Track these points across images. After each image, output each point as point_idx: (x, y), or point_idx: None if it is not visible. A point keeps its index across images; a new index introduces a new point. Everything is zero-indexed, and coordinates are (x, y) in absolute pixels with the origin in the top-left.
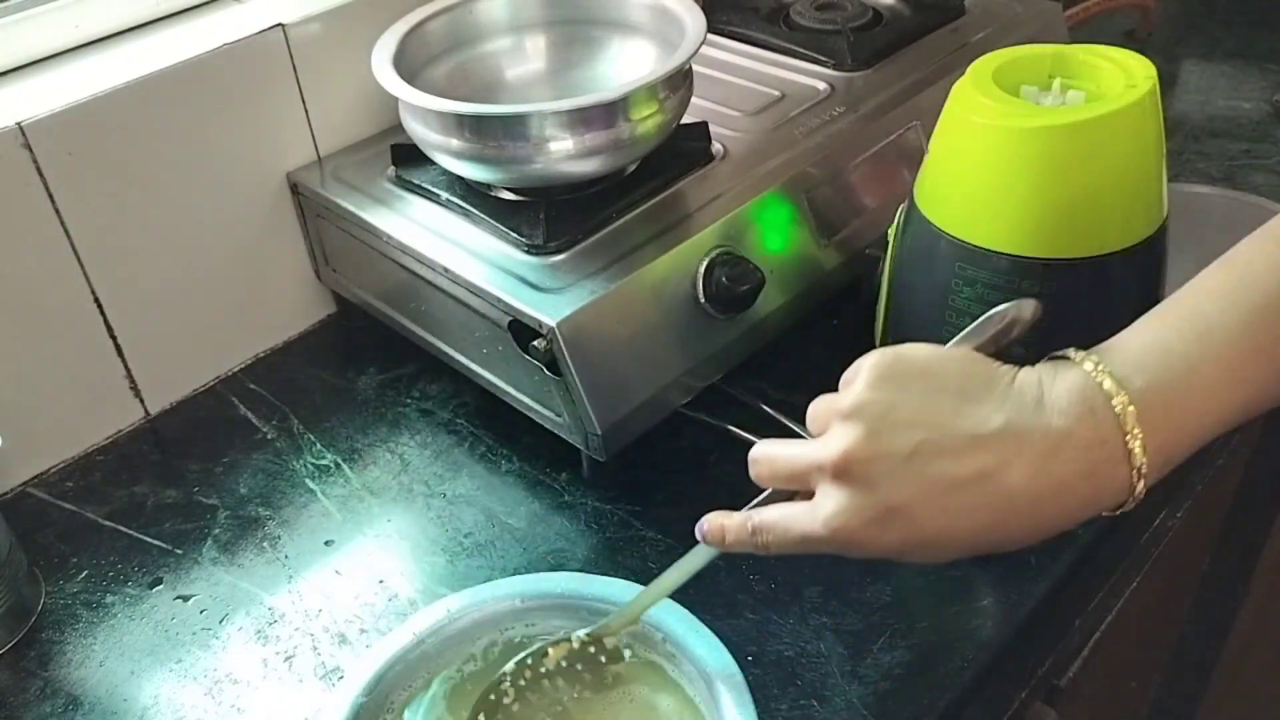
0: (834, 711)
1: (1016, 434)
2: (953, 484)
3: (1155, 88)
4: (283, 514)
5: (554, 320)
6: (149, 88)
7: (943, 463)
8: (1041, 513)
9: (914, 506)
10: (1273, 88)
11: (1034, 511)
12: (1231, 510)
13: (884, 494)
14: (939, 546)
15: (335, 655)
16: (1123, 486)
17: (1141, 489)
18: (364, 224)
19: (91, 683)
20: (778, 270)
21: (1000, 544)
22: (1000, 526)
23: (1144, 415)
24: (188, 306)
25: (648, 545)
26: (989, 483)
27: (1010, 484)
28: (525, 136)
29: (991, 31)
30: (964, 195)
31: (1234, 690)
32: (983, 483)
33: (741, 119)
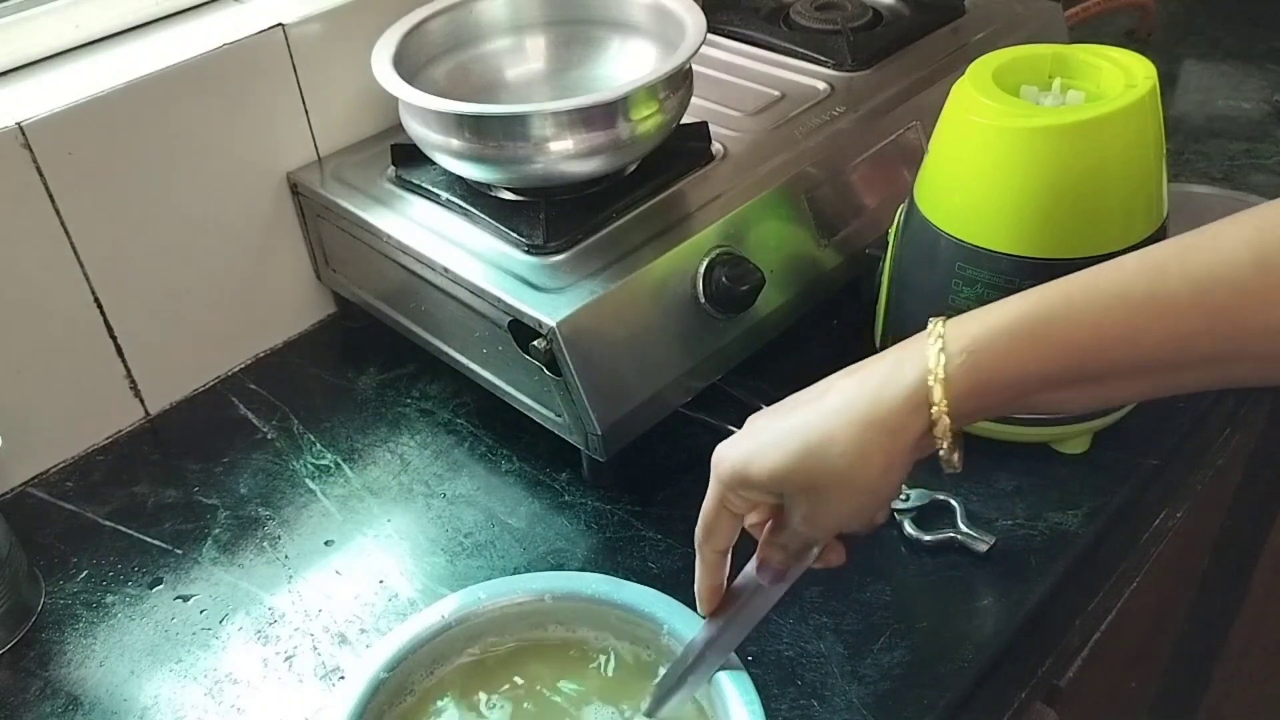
0: (834, 711)
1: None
2: (791, 408)
3: (1155, 88)
4: (283, 514)
5: (554, 320)
6: (149, 88)
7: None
8: (850, 400)
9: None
10: (1273, 88)
11: (844, 404)
12: (1231, 510)
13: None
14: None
15: (335, 655)
16: (919, 360)
17: (939, 369)
18: (364, 224)
19: (91, 683)
20: (778, 270)
21: (824, 451)
22: (818, 425)
23: (952, 323)
24: (188, 306)
25: (648, 545)
26: (822, 398)
27: (833, 388)
28: (525, 136)
29: (991, 31)
30: (964, 195)
31: (1234, 690)
32: (818, 398)
33: (741, 119)
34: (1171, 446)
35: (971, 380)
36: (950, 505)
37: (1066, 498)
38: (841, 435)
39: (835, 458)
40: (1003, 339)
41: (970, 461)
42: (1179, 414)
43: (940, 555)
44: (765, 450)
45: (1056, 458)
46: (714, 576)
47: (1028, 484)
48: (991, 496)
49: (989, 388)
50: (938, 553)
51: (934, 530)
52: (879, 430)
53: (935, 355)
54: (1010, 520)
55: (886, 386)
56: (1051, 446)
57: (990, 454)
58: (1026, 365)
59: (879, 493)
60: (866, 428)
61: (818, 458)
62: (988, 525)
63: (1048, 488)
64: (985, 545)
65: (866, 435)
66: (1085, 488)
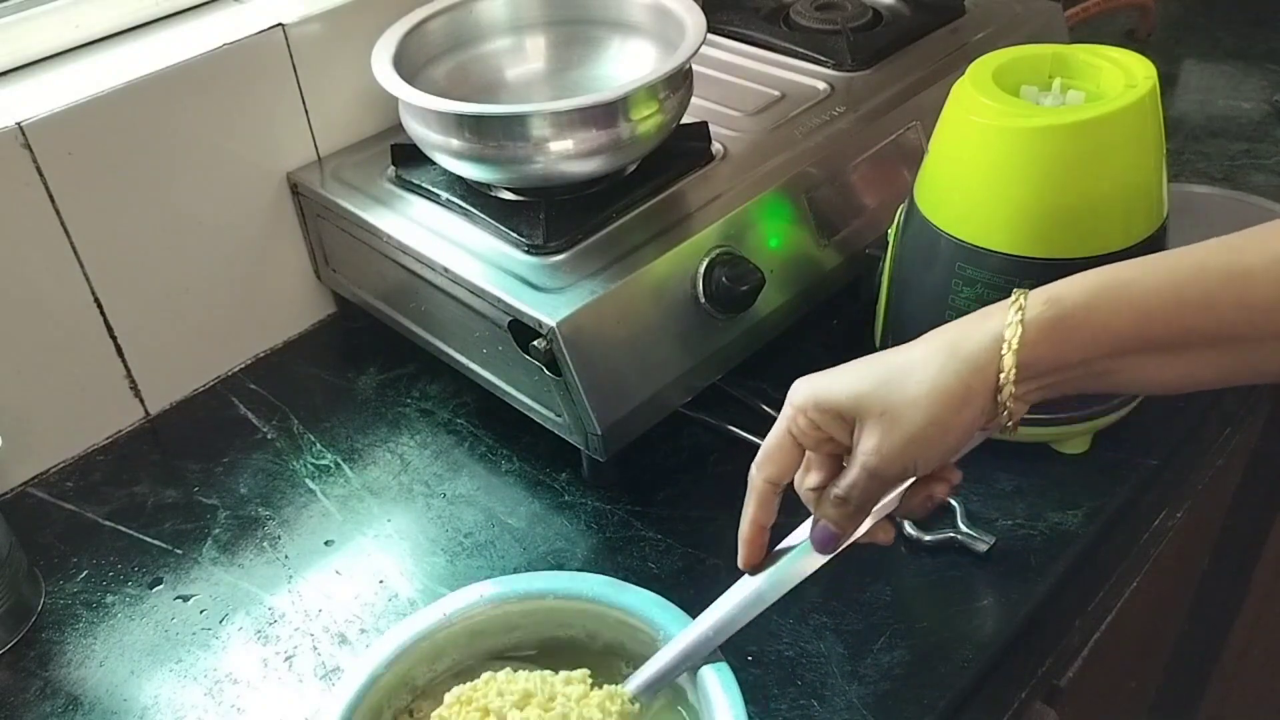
0: (834, 711)
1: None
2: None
3: (1155, 88)
4: (283, 514)
5: (554, 320)
6: (149, 88)
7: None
8: (935, 337)
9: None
10: (1273, 88)
11: (930, 340)
12: (1231, 510)
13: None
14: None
15: (335, 655)
16: (1003, 309)
17: (1021, 316)
18: (364, 224)
19: (91, 683)
20: (778, 270)
21: (905, 377)
22: (902, 355)
23: (1034, 290)
24: (188, 306)
25: (648, 545)
26: (910, 344)
27: (921, 337)
28: (525, 136)
29: (991, 31)
30: (964, 195)
31: (1234, 690)
32: (905, 345)
33: (741, 119)
34: (1171, 446)
35: (1051, 332)
36: (950, 505)
37: (1066, 498)
38: (922, 363)
39: (914, 384)
40: (1085, 295)
41: (970, 461)
42: (1179, 414)
43: (940, 555)
44: (845, 374)
45: (1056, 458)
46: (762, 512)
47: (1028, 484)
48: (991, 496)
49: (1068, 342)
50: (938, 553)
51: (934, 530)
52: (961, 362)
53: (1016, 309)
54: (1010, 520)
55: (972, 326)
56: (1051, 446)
57: (990, 454)
58: (1106, 322)
59: (950, 429)
60: (950, 358)
61: (897, 382)
62: (988, 525)
63: (1048, 488)
64: (985, 545)
65: (949, 365)
66: (1085, 488)
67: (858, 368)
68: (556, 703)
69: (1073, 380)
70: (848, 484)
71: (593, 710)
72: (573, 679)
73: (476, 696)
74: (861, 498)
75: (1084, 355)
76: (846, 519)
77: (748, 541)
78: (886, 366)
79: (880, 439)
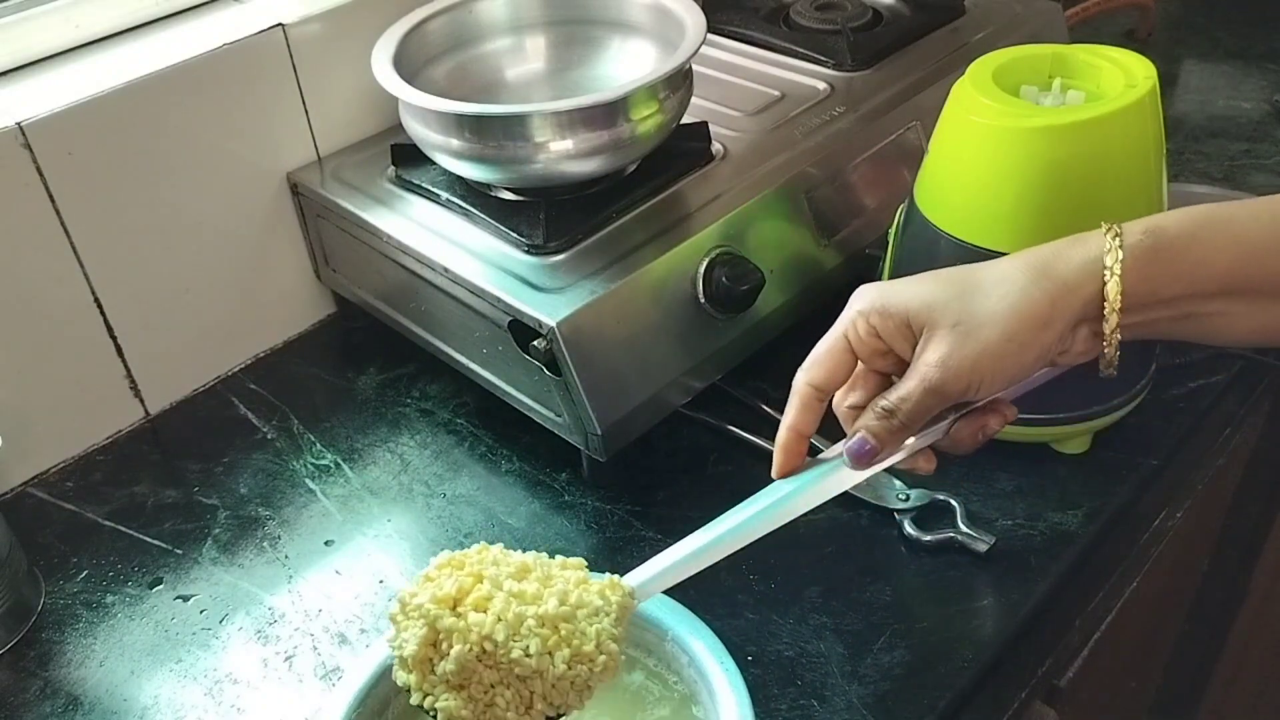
0: (834, 711)
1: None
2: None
3: (1155, 88)
4: (283, 514)
5: (554, 320)
6: (149, 88)
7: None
8: (1024, 254)
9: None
10: (1273, 88)
11: (1017, 256)
12: (1231, 510)
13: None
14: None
15: (335, 655)
16: (1099, 236)
17: (1120, 241)
18: (364, 224)
19: (91, 683)
20: (778, 270)
21: (988, 288)
22: (984, 266)
23: (1128, 224)
24: (188, 306)
25: (648, 545)
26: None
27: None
28: (525, 136)
29: (991, 31)
30: (964, 195)
31: (1234, 690)
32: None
33: (741, 119)
34: (1171, 446)
35: (1150, 261)
36: (950, 505)
37: (1066, 498)
38: (1006, 279)
39: (997, 298)
40: (1187, 226)
41: (970, 461)
42: (1179, 414)
43: (940, 555)
44: (918, 282)
45: (1056, 458)
46: (802, 417)
47: (1028, 484)
48: (991, 496)
49: (1165, 275)
50: (938, 553)
51: (934, 530)
52: (1051, 281)
53: (1112, 236)
54: (1010, 520)
55: (1064, 248)
56: (1051, 446)
57: (990, 454)
58: (1205, 257)
59: (1028, 349)
60: (1039, 276)
61: (980, 293)
62: (988, 525)
63: (1048, 488)
64: (985, 545)
65: (1038, 283)
66: (1085, 488)
67: (931, 278)
68: (555, 582)
69: (1161, 322)
70: (899, 396)
71: (593, 595)
72: (569, 564)
73: (469, 561)
74: (911, 413)
75: (1179, 290)
76: (888, 433)
77: (784, 448)
78: (964, 279)
79: (949, 351)
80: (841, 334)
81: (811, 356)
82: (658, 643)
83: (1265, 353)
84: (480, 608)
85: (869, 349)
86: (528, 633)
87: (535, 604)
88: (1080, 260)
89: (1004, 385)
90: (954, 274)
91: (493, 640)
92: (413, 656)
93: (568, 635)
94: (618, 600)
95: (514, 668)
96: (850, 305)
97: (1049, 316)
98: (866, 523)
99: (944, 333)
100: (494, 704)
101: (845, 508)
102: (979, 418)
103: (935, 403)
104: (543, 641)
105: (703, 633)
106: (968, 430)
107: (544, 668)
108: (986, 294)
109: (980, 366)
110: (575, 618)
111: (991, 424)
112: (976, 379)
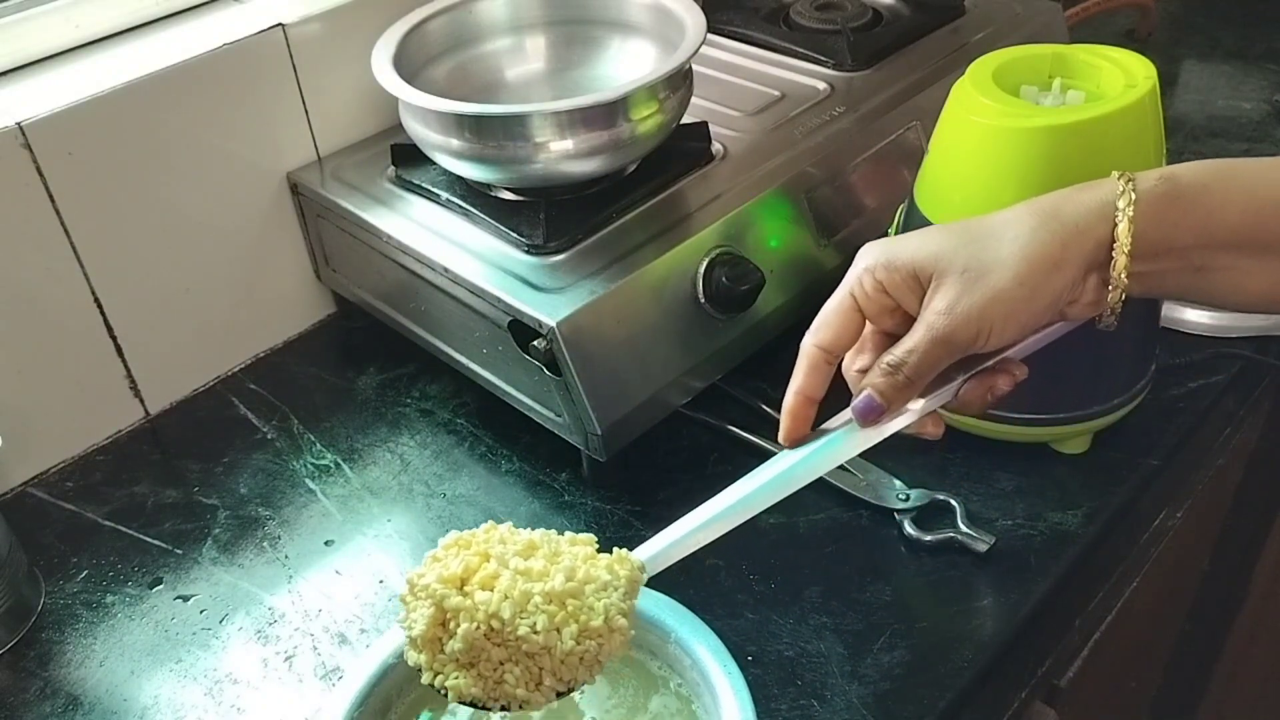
0: (834, 711)
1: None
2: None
3: (1155, 88)
4: (283, 514)
5: (554, 320)
6: (149, 88)
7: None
8: (1034, 200)
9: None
10: (1273, 88)
11: (1028, 201)
12: (1231, 510)
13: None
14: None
15: (335, 655)
16: (1112, 181)
17: (1133, 187)
18: (364, 224)
19: (91, 683)
20: (778, 270)
21: (997, 234)
22: (994, 215)
23: (1142, 172)
24: (188, 306)
25: None
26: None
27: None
28: (525, 136)
29: (991, 31)
30: (964, 195)
31: (1234, 690)
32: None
33: (741, 119)
34: (1171, 446)
35: (1163, 208)
36: (950, 505)
37: (1066, 498)
38: (1014, 223)
39: (1007, 242)
40: (1201, 176)
41: (970, 461)
42: (1179, 414)
43: (940, 555)
44: (923, 235)
45: (1056, 458)
46: (809, 381)
47: (1028, 484)
48: (991, 496)
49: (1178, 224)
50: (938, 553)
51: (934, 530)
52: (1061, 225)
53: (1125, 181)
54: (1010, 520)
55: (1074, 193)
56: (1051, 446)
57: (990, 454)
58: (1218, 207)
59: (1038, 294)
60: (1048, 219)
61: (989, 239)
62: (988, 525)
63: (1048, 488)
64: (985, 545)
65: (1047, 226)
66: (1085, 488)
67: (938, 230)
68: (563, 558)
69: (1170, 275)
70: (905, 349)
71: (600, 570)
72: (578, 540)
73: (475, 541)
74: (918, 366)
75: (1190, 240)
76: (894, 390)
77: (791, 413)
78: (971, 227)
79: (956, 297)
80: (848, 293)
81: (819, 318)
82: (661, 645)
83: (1265, 352)
84: (487, 586)
85: (876, 306)
86: (534, 609)
87: (541, 580)
88: (1092, 203)
89: (1014, 335)
90: (961, 224)
91: (499, 618)
92: (421, 636)
93: (575, 611)
94: (626, 574)
95: (522, 645)
96: (856, 263)
97: (1059, 259)
98: (866, 523)
99: (952, 279)
100: (503, 681)
101: (845, 508)
102: (988, 378)
103: (943, 354)
104: (549, 618)
105: (706, 636)
106: (976, 391)
107: (551, 644)
108: (996, 239)
109: (989, 313)
110: (582, 593)
111: (1000, 384)
112: (986, 326)
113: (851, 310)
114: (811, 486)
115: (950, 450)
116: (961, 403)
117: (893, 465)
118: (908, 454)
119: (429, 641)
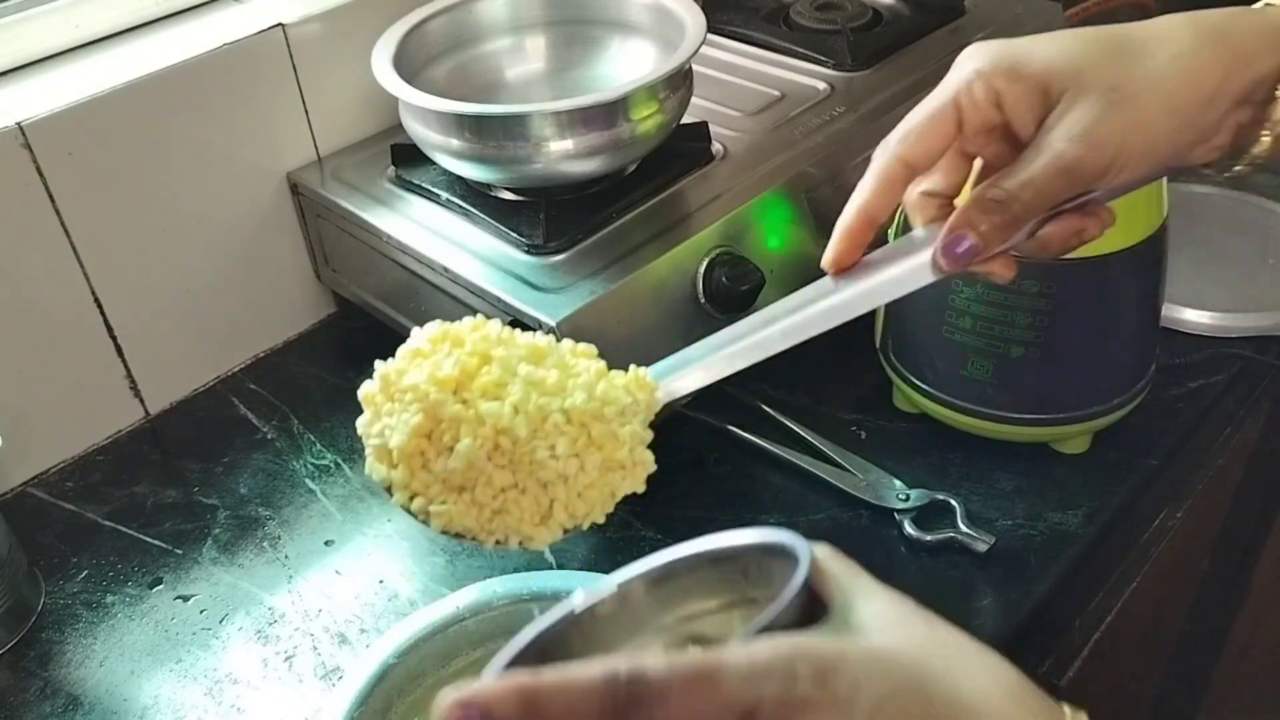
0: None
1: None
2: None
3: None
4: (283, 514)
5: (554, 320)
6: (149, 88)
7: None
8: (1196, 14)
9: None
10: None
11: (1188, 15)
12: (1231, 510)
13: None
14: None
15: (335, 655)
16: (1276, 12)
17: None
18: (364, 224)
19: (91, 683)
20: (778, 270)
21: (1152, 49)
22: (1144, 24)
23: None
24: (188, 306)
25: (647, 545)
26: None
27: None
28: (525, 136)
29: (991, 31)
30: (964, 195)
31: (1234, 690)
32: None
33: (741, 119)
34: (1171, 446)
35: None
36: (950, 505)
37: (1066, 498)
38: (1168, 39)
39: (1164, 60)
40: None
41: (970, 461)
42: (1179, 414)
43: (940, 555)
44: (1053, 39)
45: (1056, 458)
46: (879, 197)
47: (1028, 484)
48: (991, 496)
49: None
50: (938, 553)
51: (934, 530)
52: (1226, 46)
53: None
54: (1010, 520)
55: (1238, 15)
56: (1051, 446)
57: (990, 454)
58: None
59: (1186, 127)
60: (1214, 39)
61: (1139, 55)
62: (988, 525)
63: (1048, 488)
64: (985, 545)
65: (1212, 47)
66: (1085, 488)
67: (1070, 35)
68: (578, 373)
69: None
70: (1019, 181)
71: (618, 390)
72: (580, 351)
73: (467, 338)
74: (1031, 202)
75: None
76: (995, 230)
77: (848, 233)
78: (1114, 35)
79: (1096, 120)
80: (951, 99)
81: (904, 125)
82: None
83: (1265, 352)
84: (490, 395)
85: (980, 121)
86: (554, 430)
87: (559, 396)
88: (1263, 28)
89: (1143, 175)
90: (1098, 31)
91: (512, 436)
92: (400, 449)
93: (599, 438)
94: (645, 399)
95: (536, 470)
96: (961, 63)
97: (1216, 90)
98: (866, 523)
99: (1093, 98)
100: (505, 511)
101: (845, 508)
102: (1077, 219)
103: (1064, 188)
104: (571, 441)
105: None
106: (1062, 233)
107: (571, 472)
108: (1149, 55)
109: (1129, 145)
110: (603, 416)
111: (1090, 228)
112: (1121, 160)
113: (950, 121)
114: (811, 486)
115: (950, 450)
116: (1040, 244)
117: (893, 465)
118: (908, 454)
119: (409, 455)
